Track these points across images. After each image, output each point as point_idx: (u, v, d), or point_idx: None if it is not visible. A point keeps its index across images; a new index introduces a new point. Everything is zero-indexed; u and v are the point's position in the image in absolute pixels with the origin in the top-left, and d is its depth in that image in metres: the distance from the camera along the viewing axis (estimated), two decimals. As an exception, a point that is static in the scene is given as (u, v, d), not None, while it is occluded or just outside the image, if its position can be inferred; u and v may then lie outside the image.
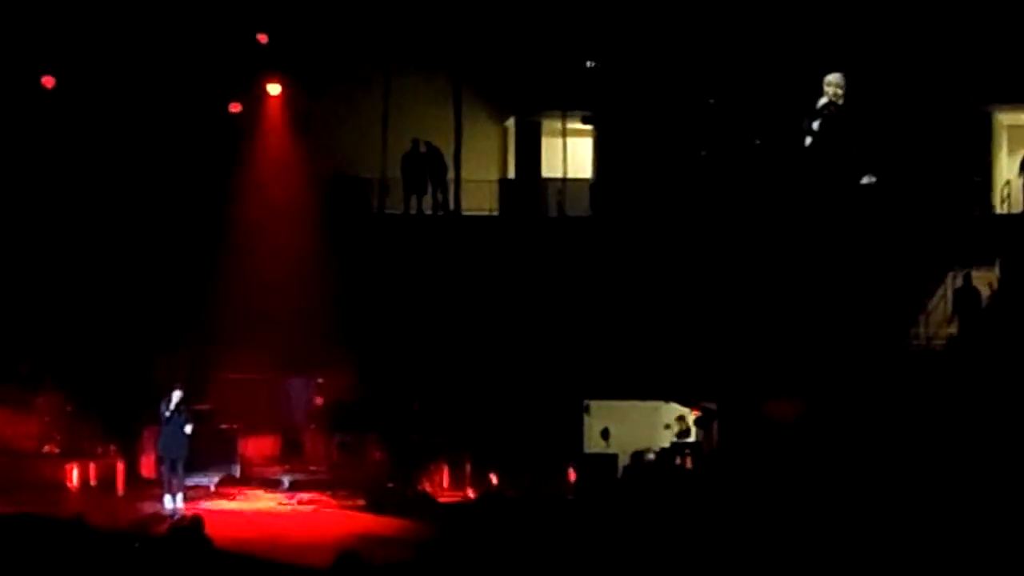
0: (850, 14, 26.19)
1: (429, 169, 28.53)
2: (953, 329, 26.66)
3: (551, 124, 29.64)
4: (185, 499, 21.12)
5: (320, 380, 25.27)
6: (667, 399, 25.76)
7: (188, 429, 20.95)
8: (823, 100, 13.61)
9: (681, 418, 25.46)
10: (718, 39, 27.27)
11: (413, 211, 28.56)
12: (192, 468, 21.65)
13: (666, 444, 25.40)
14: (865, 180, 14.09)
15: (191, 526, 12.80)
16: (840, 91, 13.52)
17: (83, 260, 24.92)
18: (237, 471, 23.33)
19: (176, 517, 19.44)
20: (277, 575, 13.70)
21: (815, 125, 13.61)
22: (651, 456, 25.16)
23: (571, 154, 29.16)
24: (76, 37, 25.11)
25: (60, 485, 21.97)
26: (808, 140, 13.74)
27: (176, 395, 20.91)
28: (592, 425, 26.02)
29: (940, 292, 27.22)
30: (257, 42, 26.23)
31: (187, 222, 25.76)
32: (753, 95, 25.69)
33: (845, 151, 13.70)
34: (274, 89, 27.15)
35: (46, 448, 23.01)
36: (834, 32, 25.28)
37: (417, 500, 21.87)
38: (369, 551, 13.78)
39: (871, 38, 25.71)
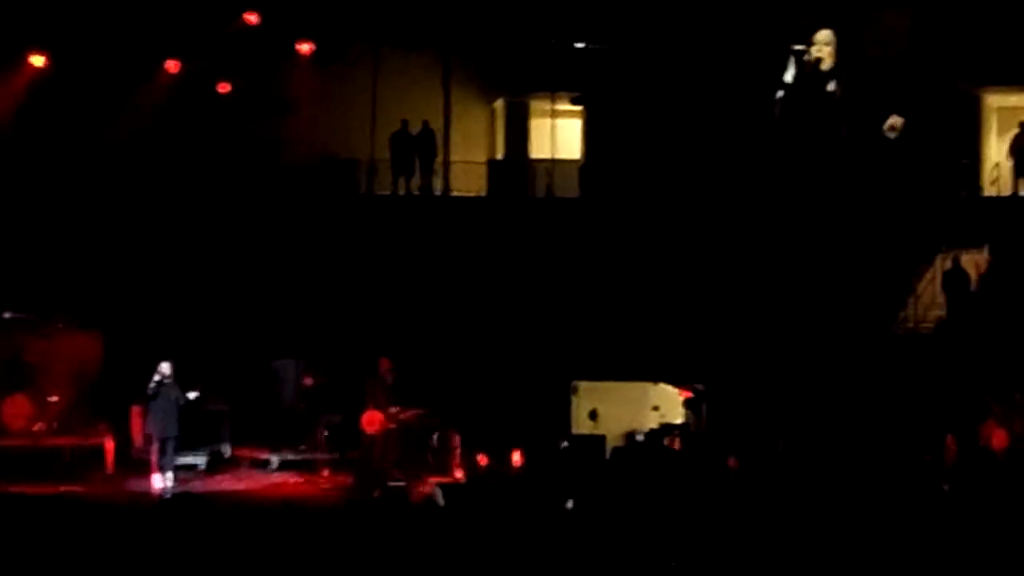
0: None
1: (419, 151, 28.49)
2: (942, 312, 26.70)
3: (540, 105, 29.64)
4: (175, 479, 21.11)
5: (308, 361, 25.25)
6: (655, 380, 25.76)
7: (193, 395, 20.88)
8: (798, 47, 12.83)
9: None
10: (706, 19, 27.26)
11: (402, 192, 28.52)
12: (181, 447, 21.64)
13: (654, 425, 25.41)
14: (892, 123, 13.30)
15: (182, 503, 12.82)
16: (827, 48, 12.78)
17: (73, 239, 24.85)
18: (227, 451, 23.36)
19: (167, 496, 19.44)
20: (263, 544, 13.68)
21: (788, 76, 12.88)
22: (639, 437, 25.17)
23: (560, 135, 29.15)
24: (66, 16, 25.04)
25: (51, 464, 21.93)
26: (780, 93, 13.01)
27: (164, 368, 20.80)
28: (580, 406, 26.01)
29: (929, 275, 27.25)
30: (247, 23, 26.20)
31: (175, 202, 25.72)
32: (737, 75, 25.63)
33: (822, 110, 13.10)
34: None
35: (36, 427, 22.96)
36: (822, 12, 25.24)
37: (404, 481, 21.86)
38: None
39: (858, 19, 25.69)
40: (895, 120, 13.28)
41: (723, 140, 26.66)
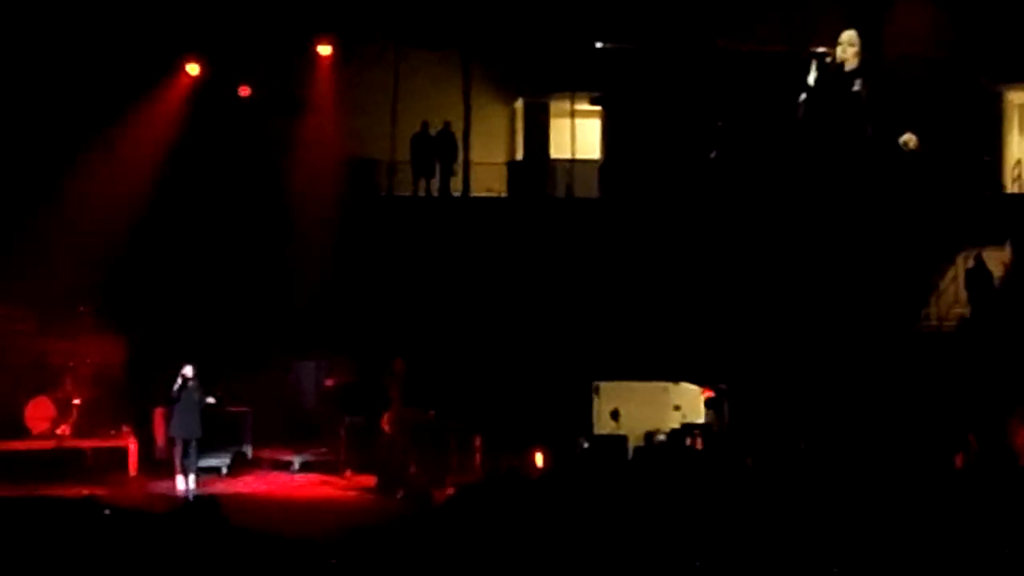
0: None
1: (439, 152, 28.48)
2: (965, 310, 26.61)
3: (559, 105, 29.61)
4: (197, 480, 21.17)
5: (330, 362, 25.29)
6: (677, 379, 25.74)
7: (211, 400, 20.98)
8: (821, 49, 12.88)
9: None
10: (725, 18, 27.23)
11: (422, 193, 28.52)
12: (203, 449, 21.69)
13: (676, 425, 25.38)
14: (906, 140, 13.38)
15: (206, 505, 12.82)
16: (852, 49, 12.82)
17: (96, 241, 24.88)
18: (248, 452, 23.40)
19: (189, 499, 19.48)
20: (288, 550, 13.71)
21: (810, 78, 12.94)
22: (661, 437, 25.16)
23: (579, 135, 29.15)
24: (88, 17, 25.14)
25: (74, 466, 22.01)
26: (803, 96, 13.08)
27: (188, 370, 20.90)
28: (601, 406, 25.99)
29: (951, 273, 27.17)
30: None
31: (197, 204, 25.76)
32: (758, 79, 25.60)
33: (847, 111, 13.13)
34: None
35: (59, 430, 23.03)
36: (843, 11, 25.21)
37: (426, 482, 21.86)
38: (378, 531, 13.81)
39: (879, 17, 25.64)
40: (908, 137, 13.34)
41: (743, 140, 26.61)
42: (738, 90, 26.43)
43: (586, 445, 23.62)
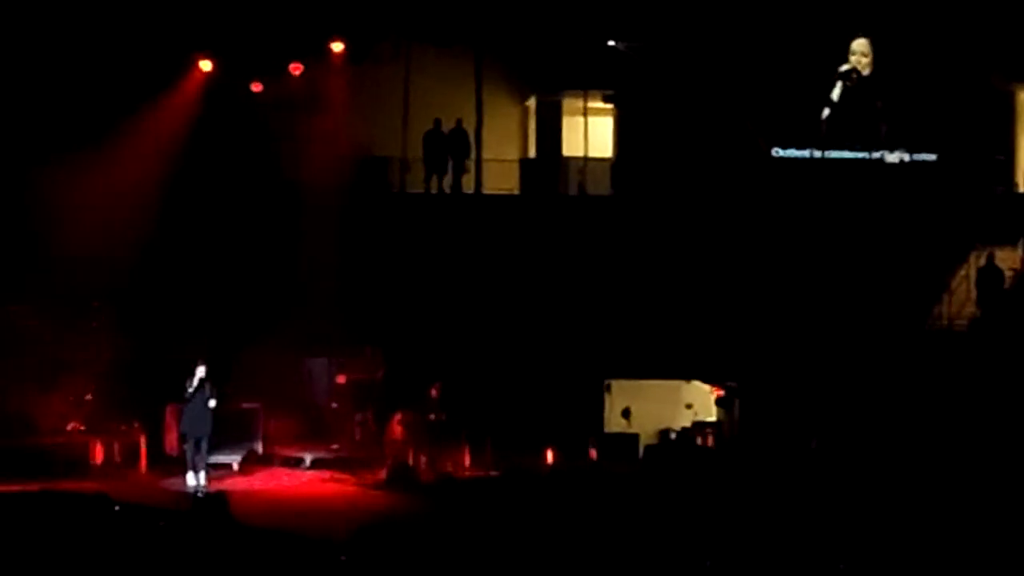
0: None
1: (452, 149, 28.50)
2: (976, 309, 26.57)
3: (572, 103, 29.58)
4: (208, 477, 21.21)
5: (342, 359, 25.32)
6: (688, 378, 25.78)
7: (212, 404, 21.02)
8: (845, 67, 13.12)
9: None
10: (740, 16, 27.21)
11: (434, 191, 28.55)
12: (215, 446, 21.72)
13: (687, 423, 25.44)
14: (894, 157, 13.64)
15: (215, 502, 12.87)
16: (865, 59, 13.04)
17: (107, 236, 24.93)
18: (260, 449, 23.43)
19: (200, 495, 19.52)
20: (297, 548, 13.76)
21: (835, 94, 13.18)
22: (673, 436, 25.23)
23: (592, 133, 29.12)
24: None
25: (84, 462, 22.06)
26: (826, 112, 13.29)
27: (200, 371, 20.96)
28: (613, 404, 26.04)
29: (963, 271, 27.12)
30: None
31: (208, 201, 25.81)
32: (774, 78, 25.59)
33: (865, 123, 13.32)
34: (296, 69, 27.13)
35: (70, 426, 23.09)
36: (855, 12, 25.16)
37: (438, 479, 21.91)
38: (388, 528, 13.87)
39: (892, 18, 25.57)
40: (893, 158, 13.62)
41: (754, 138, 26.61)
42: (748, 86, 26.46)
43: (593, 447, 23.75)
